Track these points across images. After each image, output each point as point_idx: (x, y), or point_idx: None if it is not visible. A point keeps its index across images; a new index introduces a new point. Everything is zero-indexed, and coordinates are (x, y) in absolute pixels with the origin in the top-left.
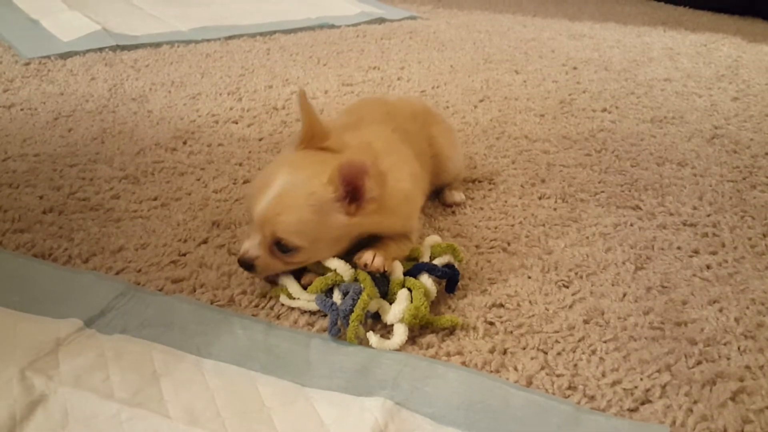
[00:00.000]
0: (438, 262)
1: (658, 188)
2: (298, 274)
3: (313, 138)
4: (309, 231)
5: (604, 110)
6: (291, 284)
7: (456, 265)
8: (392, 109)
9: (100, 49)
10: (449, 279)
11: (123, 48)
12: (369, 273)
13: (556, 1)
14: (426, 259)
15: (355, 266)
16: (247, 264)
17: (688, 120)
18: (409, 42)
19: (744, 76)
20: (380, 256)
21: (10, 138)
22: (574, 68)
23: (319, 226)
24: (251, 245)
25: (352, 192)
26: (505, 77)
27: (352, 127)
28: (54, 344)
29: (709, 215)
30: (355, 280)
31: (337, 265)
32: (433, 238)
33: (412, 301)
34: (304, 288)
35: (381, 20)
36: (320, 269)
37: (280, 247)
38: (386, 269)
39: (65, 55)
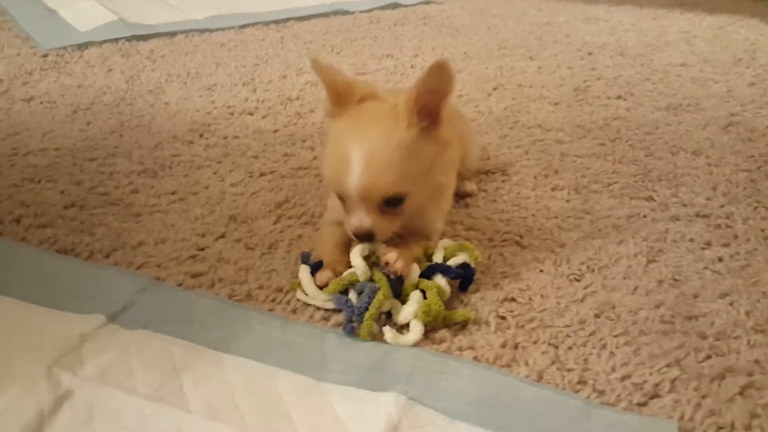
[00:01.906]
0: (452, 262)
1: (672, 178)
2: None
3: (341, 96)
4: (407, 174)
5: (619, 97)
6: (307, 285)
7: (472, 264)
8: None
9: (116, 40)
10: (463, 278)
11: (139, 38)
12: (385, 274)
13: None
14: (439, 257)
15: (372, 266)
16: (368, 236)
17: (704, 107)
18: (423, 28)
19: (761, 60)
20: (402, 260)
21: (30, 132)
22: (589, 54)
23: (411, 165)
24: (360, 218)
25: (428, 116)
26: (519, 64)
27: None
28: (79, 340)
29: (722, 206)
30: (371, 280)
31: (357, 263)
32: (445, 242)
33: (425, 299)
34: (321, 288)
35: (395, 5)
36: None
37: (389, 203)
38: (404, 275)
39: (82, 46)
